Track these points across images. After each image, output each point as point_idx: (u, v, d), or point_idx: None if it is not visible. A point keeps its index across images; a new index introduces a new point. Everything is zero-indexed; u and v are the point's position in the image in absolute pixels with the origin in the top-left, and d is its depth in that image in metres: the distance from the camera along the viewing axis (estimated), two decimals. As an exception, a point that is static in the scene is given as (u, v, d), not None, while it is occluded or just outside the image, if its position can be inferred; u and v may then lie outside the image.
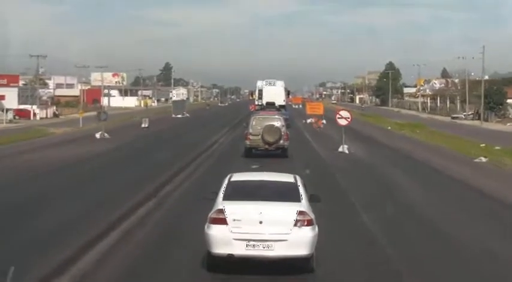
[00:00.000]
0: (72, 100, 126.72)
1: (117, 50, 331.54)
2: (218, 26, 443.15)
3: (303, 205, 12.56)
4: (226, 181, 13.24)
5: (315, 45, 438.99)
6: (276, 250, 12.07)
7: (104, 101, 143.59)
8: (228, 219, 12.15)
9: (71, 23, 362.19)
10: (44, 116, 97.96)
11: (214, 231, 12.18)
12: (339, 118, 39.17)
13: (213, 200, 12.79)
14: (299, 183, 13.25)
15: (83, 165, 32.38)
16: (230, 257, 12.10)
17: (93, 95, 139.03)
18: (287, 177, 13.72)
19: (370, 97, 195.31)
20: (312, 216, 12.45)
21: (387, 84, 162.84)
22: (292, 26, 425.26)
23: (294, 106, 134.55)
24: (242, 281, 12.40)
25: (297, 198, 12.71)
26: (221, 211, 12.26)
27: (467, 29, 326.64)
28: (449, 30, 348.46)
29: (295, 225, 12.14)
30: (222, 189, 12.94)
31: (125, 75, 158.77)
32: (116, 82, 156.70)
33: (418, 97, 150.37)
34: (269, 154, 34.69)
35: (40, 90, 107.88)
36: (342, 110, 41.13)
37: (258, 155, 34.72)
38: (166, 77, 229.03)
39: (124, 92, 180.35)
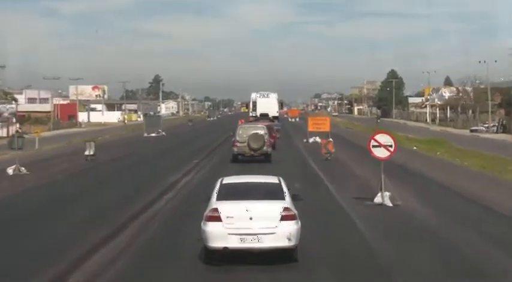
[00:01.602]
0: (44, 116, 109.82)
1: (108, 63, 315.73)
2: (211, 38, 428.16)
3: (287, 202, 13.66)
4: (218, 184, 14.31)
5: (309, 57, 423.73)
6: (265, 242, 13.13)
7: (82, 116, 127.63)
8: (222, 217, 13.18)
9: (61, 37, 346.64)
10: (5, 135, 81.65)
11: (211, 227, 13.20)
12: (374, 147, 22.34)
13: (207, 201, 13.74)
14: (283, 184, 14.44)
15: None
16: (225, 250, 13.10)
17: (69, 111, 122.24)
18: (272, 179, 14.95)
19: (370, 108, 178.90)
20: (295, 211, 13.54)
21: (389, 94, 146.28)
22: (286, 37, 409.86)
23: (290, 120, 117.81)
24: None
25: (281, 197, 13.83)
26: (216, 210, 13.30)
27: (463, 39, 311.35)
28: (446, 40, 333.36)
29: (281, 220, 13.20)
30: (215, 191, 14.00)
31: (106, 88, 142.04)
32: (97, 96, 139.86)
33: (424, 107, 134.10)
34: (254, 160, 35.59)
35: (1, 105, 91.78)
36: (380, 133, 23.97)
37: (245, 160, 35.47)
38: (156, 90, 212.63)
39: (109, 106, 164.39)
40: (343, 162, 37.21)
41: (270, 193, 14.01)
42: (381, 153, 22.43)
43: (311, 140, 54.55)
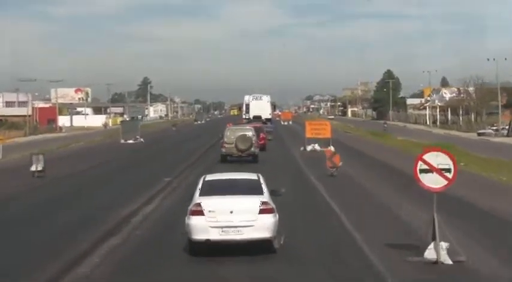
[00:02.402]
0: (21, 121, 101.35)
1: (98, 67, 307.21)
2: (202, 41, 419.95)
3: (265, 197, 14.23)
4: (201, 181, 14.85)
5: (300, 59, 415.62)
6: (244, 234, 13.75)
7: (64, 120, 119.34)
8: (204, 211, 13.79)
9: (49, 40, 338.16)
10: (-25, 141, 73.14)
11: (194, 221, 13.81)
12: (422, 172, 14.18)
13: (191, 197, 14.40)
14: (261, 180, 14.89)
15: None
16: (207, 242, 13.76)
17: (49, 114, 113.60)
18: (251, 176, 15.47)
19: (364, 110, 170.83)
20: (273, 205, 14.15)
21: (386, 94, 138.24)
22: (277, 39, 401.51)
23: (283, 123, 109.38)
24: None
25: (260, 192, 14.37)
26: (199, 205, 13.92)
27: (456, 40, 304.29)
28: (438, 42, 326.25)
29: (259, 213, 13.82)
30: (199, 187, 14.58)
31: (89, 90, 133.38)
32: (79, 98, 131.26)
33: (423, 109, 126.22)
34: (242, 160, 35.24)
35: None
36: (431, 150, 15.52)
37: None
38: (145, 93, 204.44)
39: (96, 110, 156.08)
40: (354, 180, 28.99)
41: (250, 188, 14.49)
42: (433, 181, 14.24)
43: (309, 148, 46.46)
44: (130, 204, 21.23)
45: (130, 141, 59.81)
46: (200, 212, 13.76)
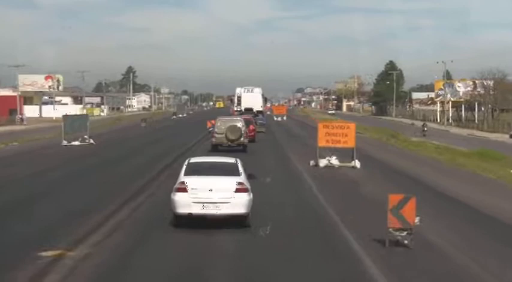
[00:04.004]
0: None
1: (83, 57, 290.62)
2: (191, 33, 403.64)
3: (242, 178, 15.59)
4: (186, 162, 16.29)
5: (289, 51, 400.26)
6: (222, 209, 15.13)
7: (31, 110, 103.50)
8: (188, 189, 15.17)
9: (35, 30, 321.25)
10: None
11: (178, 197, 15.20)
12: None
13: (177, 176, 15.73)
14: (239, 163, 16.28)
15: None
16: (190, 215, 15.18)
17: (10, 104, 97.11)
18: (230, 159, 16.84)
19: (361, 104, 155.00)
20: (248, 186, 15.50)
21: (387, 88, 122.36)
22: (266, 32, 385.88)
23: (276, 119, 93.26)
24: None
25: (237, 173, 15.74)
26: (183, 183, 15.32)
27: (440, 35, 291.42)
28: (423, 36, 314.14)
29: (235, 192, 15.16)
30: (183, 168, 15.98)
31: (61, 78, 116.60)
32: (50, 86, 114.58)
33: (430, 104, 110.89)
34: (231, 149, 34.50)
35: None
36: None
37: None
38: (129, 82, 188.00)
39: (75, 99, 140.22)
40: (455, 267, 12.97)
41: (228, 170, 15.80)
42: None
43: (323, 162, 30.25)
44: None
45: (76, 143, 43.43)
46: (184, 189, 15.12)
